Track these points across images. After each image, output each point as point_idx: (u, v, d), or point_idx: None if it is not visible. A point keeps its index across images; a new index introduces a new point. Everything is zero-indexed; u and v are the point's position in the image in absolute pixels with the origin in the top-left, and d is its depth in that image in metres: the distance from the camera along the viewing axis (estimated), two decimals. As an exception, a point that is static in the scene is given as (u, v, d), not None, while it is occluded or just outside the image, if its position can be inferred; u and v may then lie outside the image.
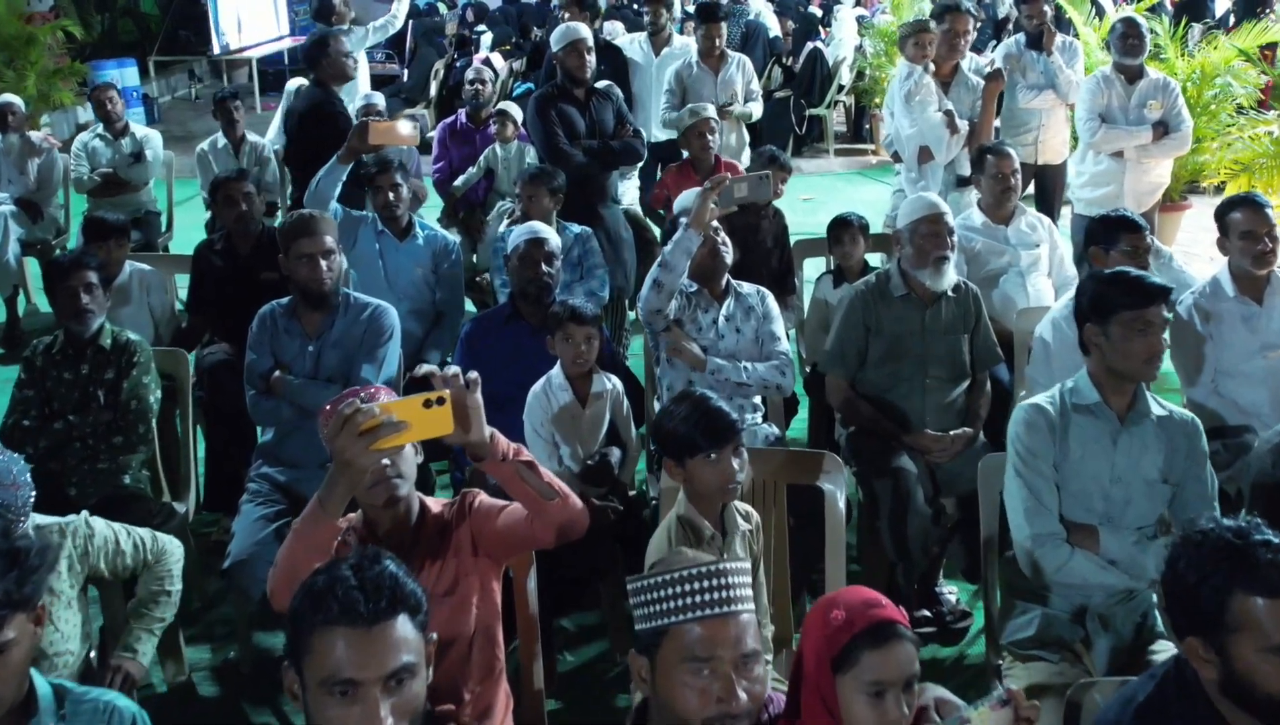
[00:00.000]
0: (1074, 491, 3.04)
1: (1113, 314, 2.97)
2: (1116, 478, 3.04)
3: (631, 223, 6.74)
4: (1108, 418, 3.05)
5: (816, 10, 15.31)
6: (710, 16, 6.89)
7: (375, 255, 4.84)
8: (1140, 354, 2.97)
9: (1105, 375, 3.05)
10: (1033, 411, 3.08)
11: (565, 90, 5.45)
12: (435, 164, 7.14)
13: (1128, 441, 3.04)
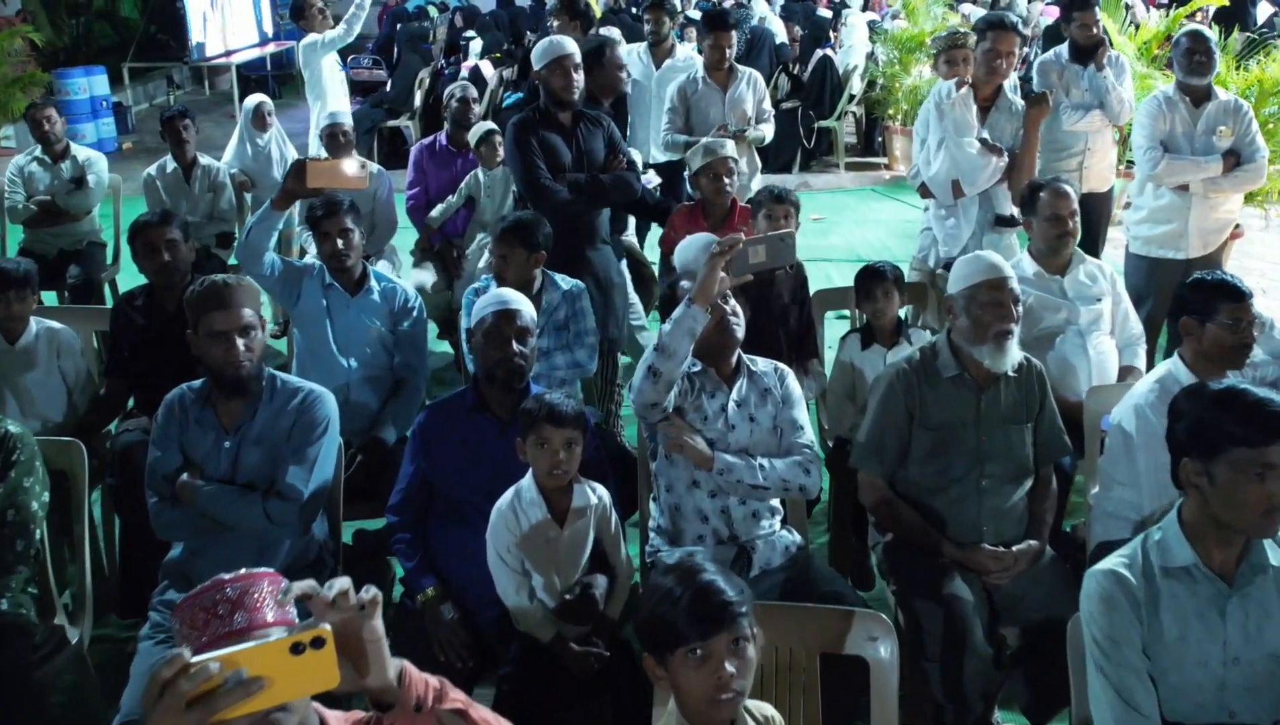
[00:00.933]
0: (1176, 684, 2.33)
1: (1221, 451, 2.26)
2: (1232, 659, 2.33)
3: (630, 259, 6.03)
4: (1210, 582, 2.34)
5: (825, 13, 14.60)
6: (719, 25, 6.18)
7: (322, 312, 4.11)
8: (1256, 505, 2.26)
9: (1206, 525, 2.34)
10: (1108, 583, 2.36)
11: (548, 114, 4.72)
12: (410, 189, 6.41)
13: (1240, 610, 2.33)
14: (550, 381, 4.18)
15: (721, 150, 4.82)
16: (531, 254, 4.11)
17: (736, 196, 4.97)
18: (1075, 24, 6.06)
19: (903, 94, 10.71)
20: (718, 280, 2.90)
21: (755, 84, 6.21)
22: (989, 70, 4.76)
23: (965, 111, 4.72)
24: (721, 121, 6.08)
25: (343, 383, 4.07)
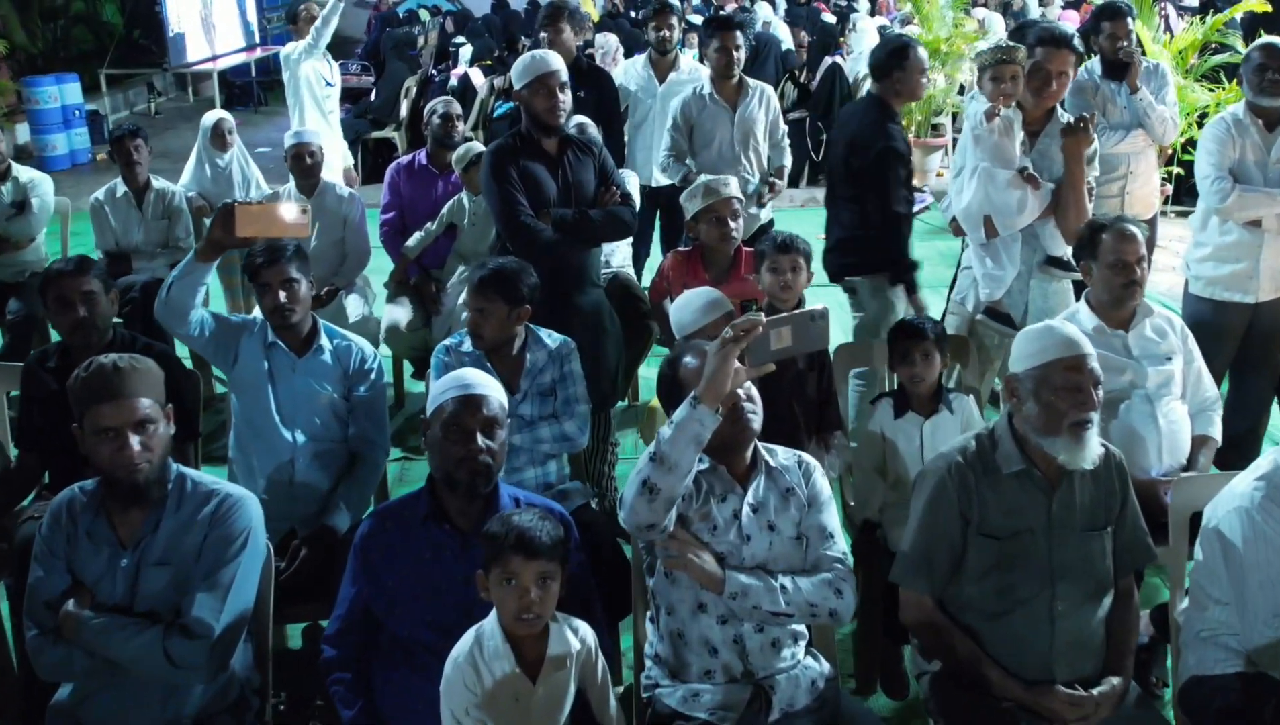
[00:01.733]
0: None
1: None
2: None
3: (620, 294, 5.42)
4: None
5: (829, 18, 13.99)
6: (724, 25, 5.56)
7: (263, 377, 3.51)
8: None
9: None
10: None
11: (531, 140, 4.12)
12: (384, 214, 5.81)
13: None
14: (533, 457, 3.60)
15: (724, 189, 4.21)
16: (514, 309, 3.51)
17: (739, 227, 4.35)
18: (1104, 35, 5.47)
19: (917, 105, 10.09)
20: (731, 375, 2.30)
21: (768, 101, 5.60)
22: (1039, 92, 4.13)
23: (1008, 138, 4.10)
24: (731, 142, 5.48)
25: (287, 460, 3.48)
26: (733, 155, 5.48)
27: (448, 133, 5.74)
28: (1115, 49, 5.40)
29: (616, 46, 10.12)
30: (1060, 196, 4.08)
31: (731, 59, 5.43)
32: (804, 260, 3.68)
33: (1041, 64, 4.10)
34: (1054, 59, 4.09)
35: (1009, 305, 4.15)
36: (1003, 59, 3.98)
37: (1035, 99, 4.14)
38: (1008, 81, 3.98)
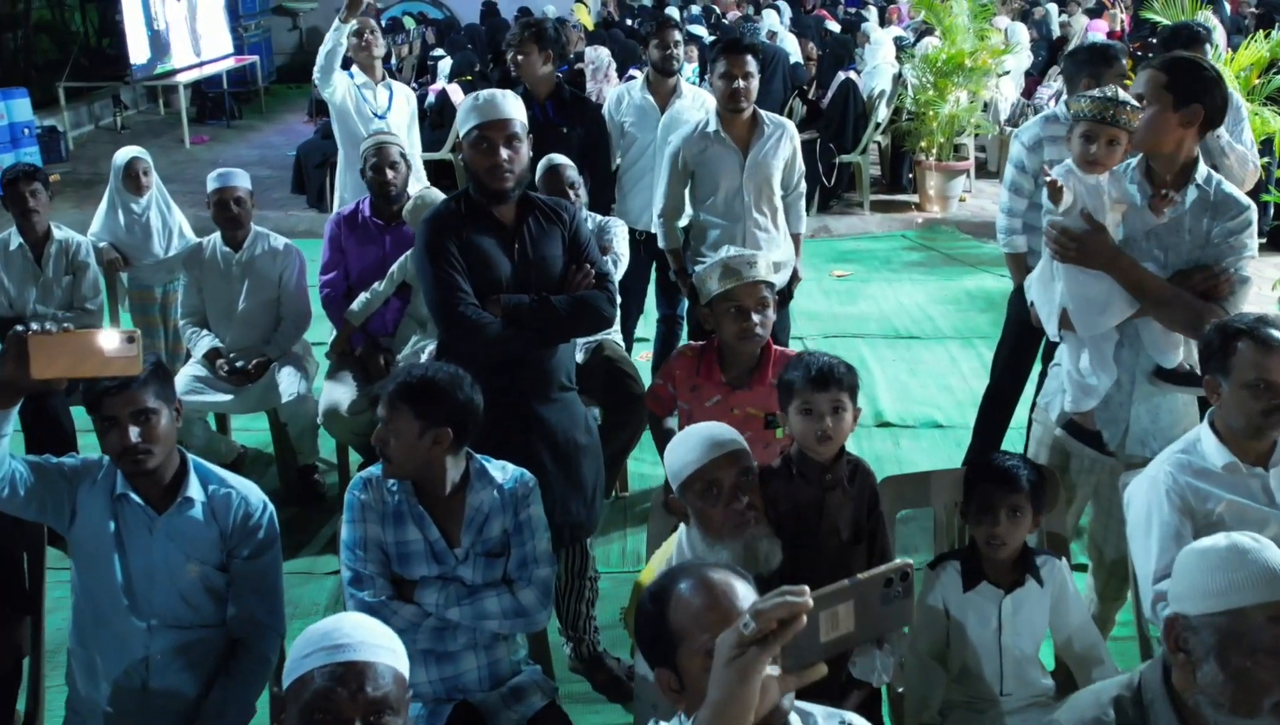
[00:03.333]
0: None
1: None
2: None
3: (604, 369, 4.52)
4: None
5: (834, 25, 13.08)
6: (734, 48, 4.60)
7: (108, 542, 2.59)
8: None
9: None
10: None
11: (479, 206, 3.20)
12: (324, 274, 4.89)
13: None
14: (477, 639, 2.70)
15: (749, 271, 3.20)
16: (428, 430, 2.62)
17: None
18: None
19: (938, 125, 9.18)
20: (754, 697, 1.37)
21: (785, 139, 4.67)
22: (1175, 145, 3.12)
23: (1096, 199, 3.15)
24: (738, 189, 4.56)
25: (139, 658, 2.57)
26: (743, 207, 4.58)
27: (383, 187, 4.79)
28: None
29: (609, 62, 9.24)
30: (1135, 284, 3.07)
31: (739, 88, 4.50)
32: (849, 396, 2.68)
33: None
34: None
35: (1101, 422, 3.20)
36: (1104, 116, 2.99)
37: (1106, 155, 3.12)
38: (1101, 146, 3.02)
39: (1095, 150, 3.02)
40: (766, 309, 3.19)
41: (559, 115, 5.28)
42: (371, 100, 5.83)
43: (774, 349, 3.27)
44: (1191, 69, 3.08)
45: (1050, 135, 4.48)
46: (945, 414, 5.73)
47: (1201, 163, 3.13)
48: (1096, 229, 3.03)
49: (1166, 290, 3.00)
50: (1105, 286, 3.04)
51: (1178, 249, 3.08)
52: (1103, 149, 3.02)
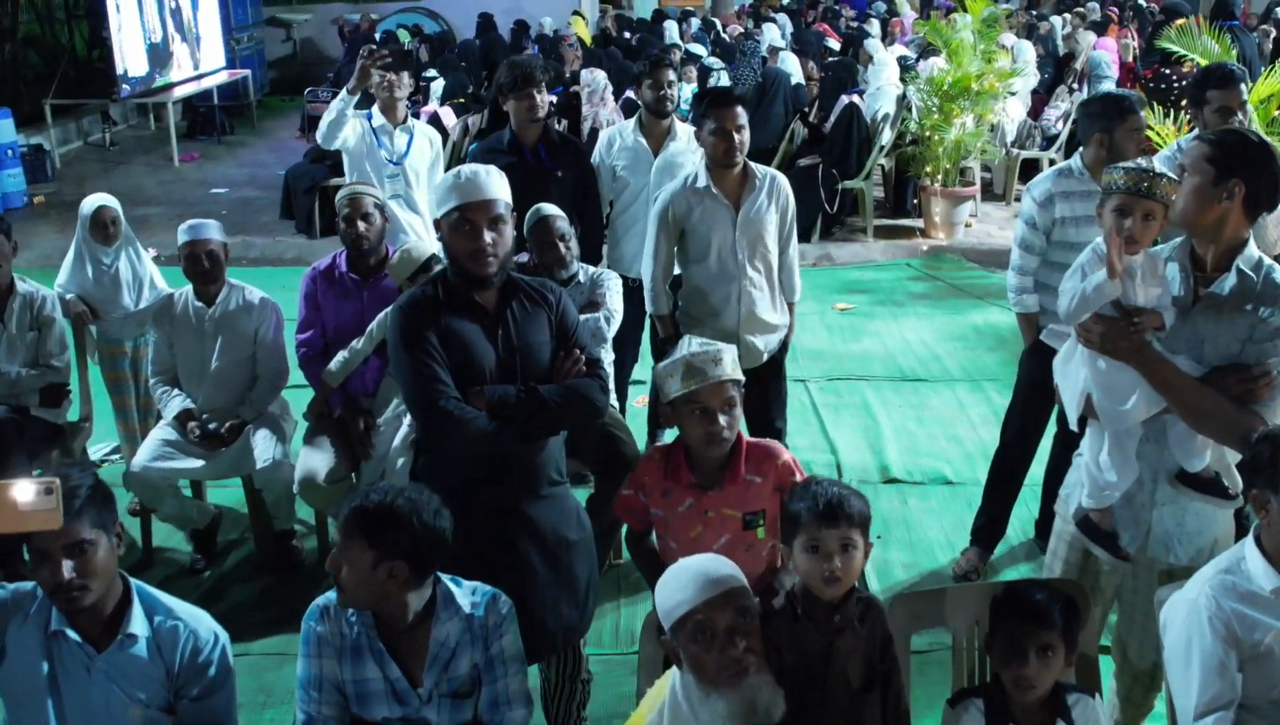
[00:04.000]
0: None
1: None
2: None
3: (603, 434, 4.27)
4: None
5: (834, 43, 12.82)
6: (722, 101, 4.36)
7: (41, 684, 2.34)
8: None
9: None
10: None
11: (458, 290, 2.95)
12: (300, 333, 4.64)
13: None
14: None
15: (714, 369, 2.88)
16: (382, 562, 2.38)
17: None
18: (1210, 107, 4.29)
19: (944, 150, 8.93)
20: None
21: (778, 192, 4.41)
22: (1220, 221, 2.85)
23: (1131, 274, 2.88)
24: (731, 247, 4.31)
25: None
26: (736, 265, 4.33)
27: (355, 241, 4.54)
28: (1226, 126, 4.24)
29: (605, 85, 8.98)
30: (1164, 383, 2.79)
31: (733, 143, 4.23)
32: (860, 532, 2.40)
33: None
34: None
35: (1121, 521, 2.94)
36: (1140, 188, 2.74)
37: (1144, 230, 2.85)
38: (1137, 221, 2.76)
39: (1130, 225, 2.76)
40: (734, 408, 2.89)
41: (551, 159, 5.03)
42: (388, 144, 5.45)
43: (745, 442, 2.98)
44: (1238, 142, 2.82)
45: (1063, 190, 4.24)
46: (954, 468, 5.48)
47: (1252, 246, 2.87)
48: (1124, 315, 2.78)
49: (1197, 392, 2.74)
50: (1132, 377, 2.78)
51: (1216, 341, 2.82)
52: (1138, 224, 2.76)
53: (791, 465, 2.98)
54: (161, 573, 4.75)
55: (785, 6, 18.28)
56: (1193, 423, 2.77)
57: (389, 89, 5.43)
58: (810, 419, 6.07)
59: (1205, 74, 4.38)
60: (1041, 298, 4.38)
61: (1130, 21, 14.53)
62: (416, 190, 5.47)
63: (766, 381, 4.52)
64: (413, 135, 5.52)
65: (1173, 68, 7.18)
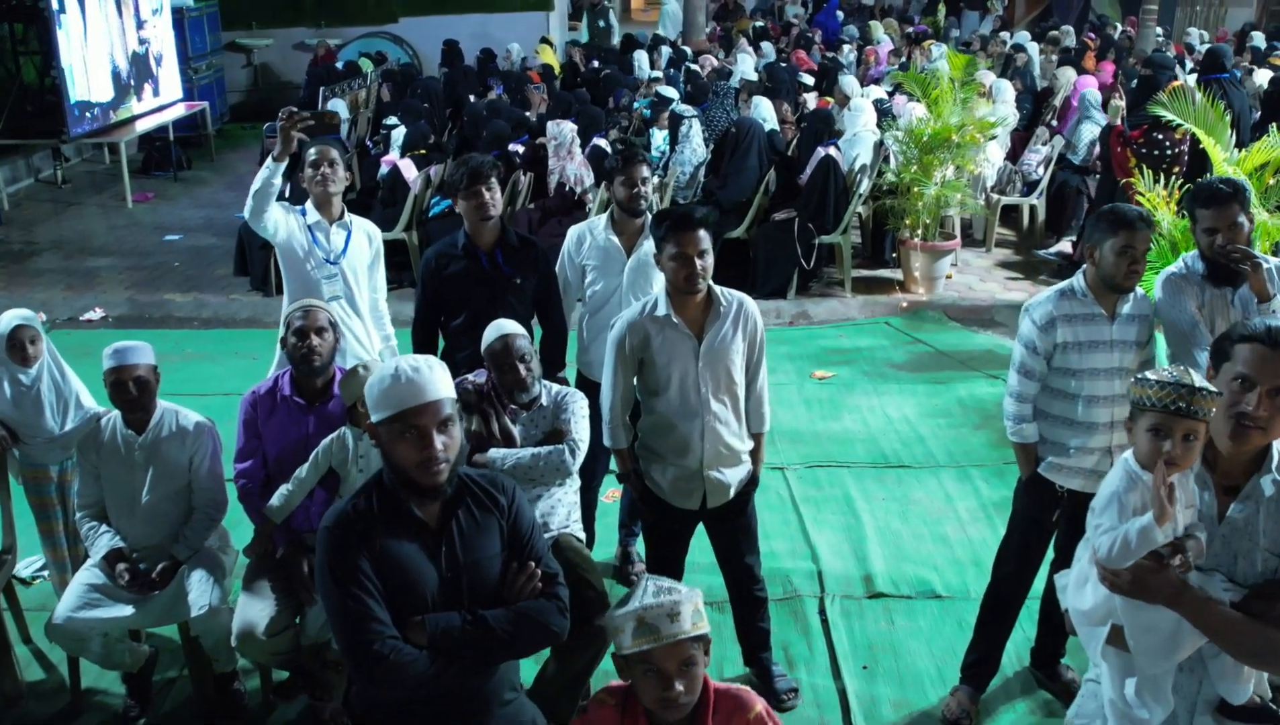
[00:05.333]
0: None
1: None
2: None
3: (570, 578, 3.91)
4: None
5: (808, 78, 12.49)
6: (682, 225, 3.85)
7: None
8: None
9: None
10: None
11: (395, 502, 2.59)
12: (238, 462, 4.27)
13: None
14: None
15: (670, 626, 2.46)
16: None
17: None
18: (1200, 226, 3.99)
19: (924, 205, 8.63)
20: None
21: (745, 319, 3.99)
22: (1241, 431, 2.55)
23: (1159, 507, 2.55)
24: (694, 380, 3.94)
25: None
26: (699, 399, 3.94)
27: (306, 357, 4.19)
28: (1217, 247, 3.94)
29: (572, 137, 8.64)
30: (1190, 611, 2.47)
31: (695, 270, 3.81)
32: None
33: (1247, 373, 2.54)
34: (1268, 367, 2.53)
35: (1150, 758, 2.63)
36: (1177, 407, 2.41)
37: (1232, 434, 2.56)
38: (1177, 442, 2.43)
39: (1170, 448, 2.44)
40: (694, 668, 2.49)
41: (509, 263, 4.68)
42: (324, 242, 5.00)
43: (713, 690, 2.57)
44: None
45: (1065, 313, 3.94)
46: (943, 578, 5.17)
47: (1276, 447, 2.56)
48: (1155, 558, 2.45)
49: (1249, 631, 2.42)
50: (1172, 616, 2.46)
51: (1251, 558, 2.51)
52: (1178, 447, 2.45)
53: (765, 717, 2.61)
54: (93, 720, 4.38)
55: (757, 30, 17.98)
56: (1247, 661, 2.46)
57: (323, 183, 4.95)
58: (790, 517, 5.74)
59: (1196, 191, 4.07)
60: (1041, 426, 4.08)
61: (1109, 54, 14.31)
62: (356, 291, 5.04)
63: (734, 518, 4.18)
64: (350, 231, 5.06)
65: (1164, 131, 6.89)
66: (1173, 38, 17.90)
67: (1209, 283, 4.00)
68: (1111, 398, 3.96)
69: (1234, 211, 3.95)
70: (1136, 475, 2.54)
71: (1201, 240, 4.00)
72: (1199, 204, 4.01)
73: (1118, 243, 3.82)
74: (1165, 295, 4.04)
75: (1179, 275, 4.06)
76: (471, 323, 4.66)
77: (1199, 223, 4.00)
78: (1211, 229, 3.95)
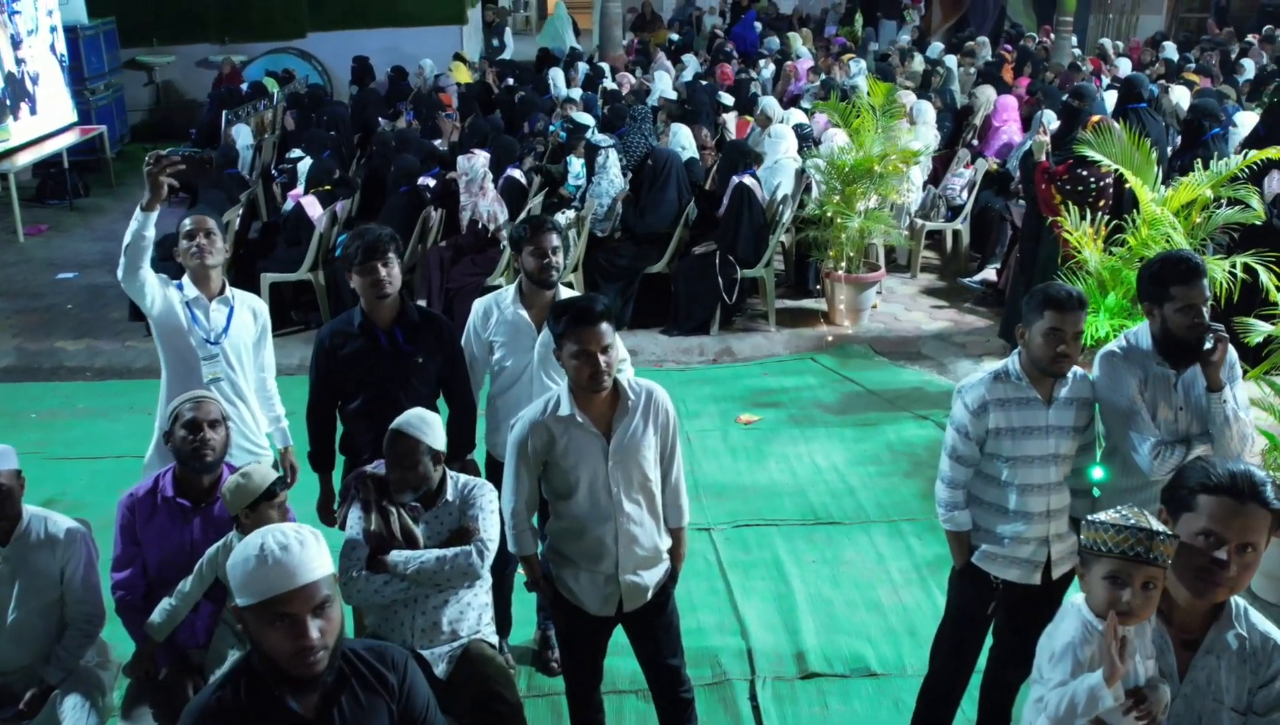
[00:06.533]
0: None
1: None
2: None
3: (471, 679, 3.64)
4: None
5: (728, 97, 12.25)
6: (582, 319, 3.52)
7: None
8: None
9: None
10: None
11: (263, 688, 2.27)
12: (116, 572, 3.91)
13: None
14: None
15: None
16: None
17: None
18: (1174, 305, 3.69)
19: (848, 237, 8.43)
20: None
21: (656, 411, 3.69)
22: (1202, 578, 2.34)
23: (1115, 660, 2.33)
24: (604, 482, 3.63)
25: None
26: (610, 502, 3.63)
27: (196, 452, 3.85)
28: (1190, 326, 3.71)
29: (484, 173, 8.32)
30: None
31: (599, 368, 3.50)
32: None
33: (1215, 529, 2.32)
34: (1237, 522, 2.31)
35: None
36: (1137, 552, 2.19)
37: (1195, 588, 2.35)
38: (1136, 591, 2.22)
39: (1129, 599, 2.22)
40: None
41: (409, 342, 4.35)
42: (204, 320, 4.56)
43: None
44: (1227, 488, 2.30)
45: (998, 397, 3.72)
46: (878, 652, 4.94)
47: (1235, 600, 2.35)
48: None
49: None
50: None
51: (1215, 717, 2.30)
52: (1137, 596, 2.23)
53: None
54: None
55: (674, 43, 17.76)
56: None
57: (199, 255, 4.49)
58: (717, 585, 5.47)
59: (1163, 266, 3.76)
60: (975, 513, 3.86)
61: (1025, 68, 14.29)
62: (239, 373, 4.63)
63: (653, 618, 3.88)
64: (233, 307, 4.62)
65: (1089, 168, 6.74)
66: (1086, 47, 18.00)
67: (1156, 362, 3.79)
68: (1047, 486, 3.76)
69: (1205, 287, 3.74)
70: (1092, 626, 2.32)
71: (1176, 320, 3.69)
72: (1173, 281, 3.69)
73: (1045, 325, 3.61)
74: (1104, 374, 3.83)
75: (1119, 353, 3.85)
76: (371, 406, 4.34)
77: (1173, 301, 3.69)
78: (1189, 306, 3.67)
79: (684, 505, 3.87)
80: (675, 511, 3.85)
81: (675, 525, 3.86)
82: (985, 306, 9.19)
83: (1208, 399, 3.69)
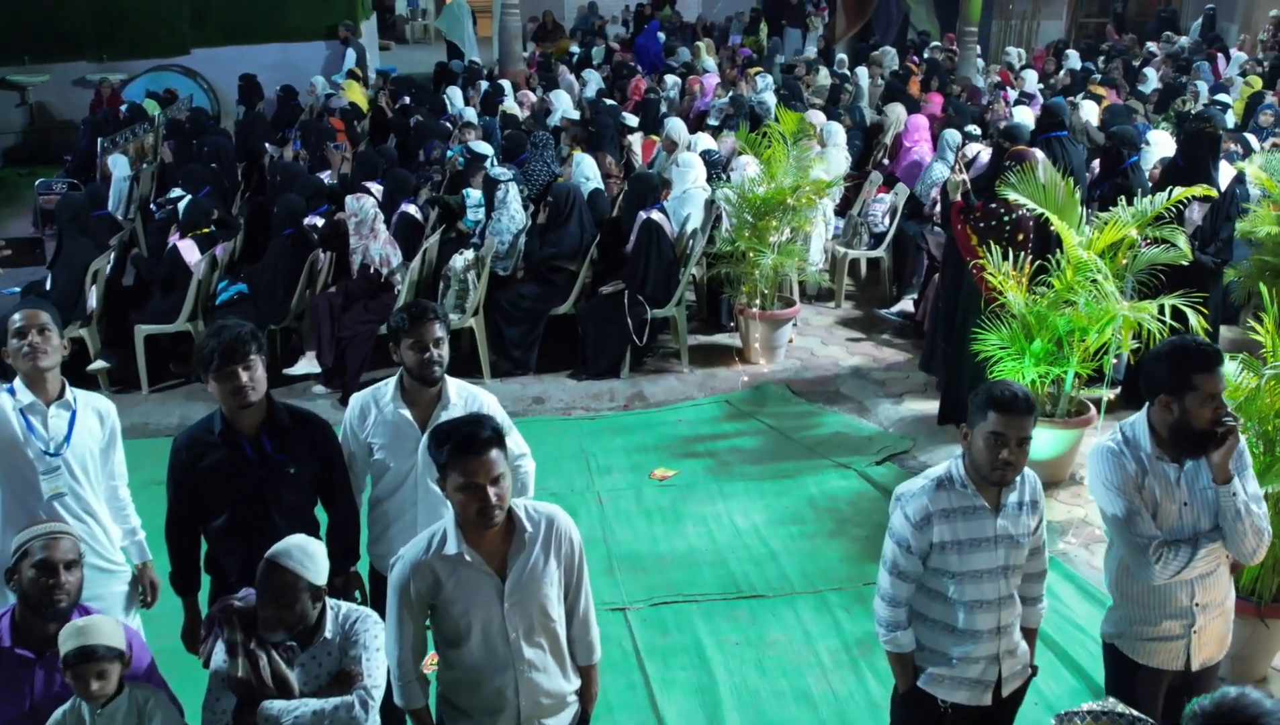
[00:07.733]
0: None
1: None
2: None
3: None
4: None
5: (632, 118, 11.82)
6: (467, 447, 3.02)
7: None
8: None
9: None
10: None
11: None
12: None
13: None
14: None
15: None
16: None
17: None
18: (1198, 394, 3.31)
19: (760, 274, 8.06)
20: None
21: (558, 539, 3.22)
22: None
23: None
24: (499, 627, 3.17)
25: None
26: (508, 649, 3.18)
27: (44, 596, 3.32)
28: (1214, 417, 3.36)
29: (374, 214, 7.79)
30: None
31: (489, 502, 3.03)
32: None
33: None
34: None
35: None
36: None
37: None
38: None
39: None
40: None
41: (279, 450, 3.83)
42: (41, 430, 3.95)
43: None
44: None
45: (941, 508, 3.36)
46: (810, 752, 4.57)
47: None
48: None
49: None
50: None
51: None
52: None
53: None
54: None
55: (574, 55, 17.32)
56: None
57: (32, 356, 3.89)
58: (634, 678, 5.05)
59: (1181, 355, 3.36)
60: (919, 631, 3.49)
61: (933, 82, 14.10)
62: (85, 485, 4.03)
63: None
64: (75, 412, 4.02)
65: (1000, 202, 6.43)
66: (990, 55, 17.93)
67: (1159, 458, 3.44)
68: (997, 601, 3.41)
69: (1221, 378, 3.39)
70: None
71: (1200, 412, 3.32)
72: (1195, 370, 3.31)
73: (988, 427, 3.27)
74: (1097, 475, 3.49)
75: (1114, 451, 3.49)
76: (237, 523, 3.84)
77: (1196, 391, 3.31)
78: (1213, 395, 3.32)
79: (594, 640, 3.43)
80: (585, 648, 3.40)
81: (585, 663, 3.42)
82: (904, 338, 8.89)
83: (1216, 492, 3.37)
